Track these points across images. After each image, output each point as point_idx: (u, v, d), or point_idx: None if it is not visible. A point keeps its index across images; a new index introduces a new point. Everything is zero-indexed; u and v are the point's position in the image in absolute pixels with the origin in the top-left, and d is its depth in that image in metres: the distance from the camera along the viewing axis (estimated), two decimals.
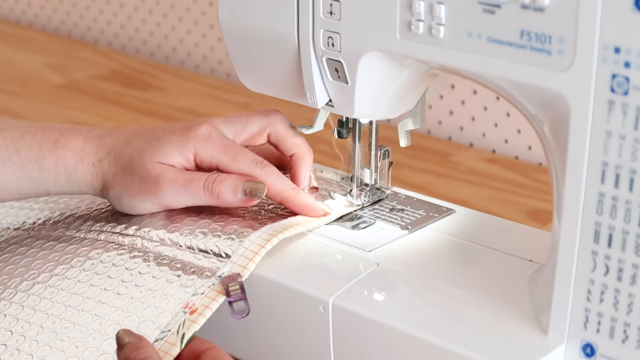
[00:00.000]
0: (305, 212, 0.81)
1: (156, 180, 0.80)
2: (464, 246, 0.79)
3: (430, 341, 0.68)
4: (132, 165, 0.80)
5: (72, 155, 0.82)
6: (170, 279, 0.74)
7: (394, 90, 0.76)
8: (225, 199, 0.79)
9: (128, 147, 0.82)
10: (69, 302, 0.74)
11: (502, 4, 0.64)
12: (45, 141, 0.82)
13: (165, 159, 0.80)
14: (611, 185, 0.62)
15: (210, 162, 0.81)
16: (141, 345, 0.67)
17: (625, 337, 0.64)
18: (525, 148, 1.20)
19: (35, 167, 0.82)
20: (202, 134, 0.81)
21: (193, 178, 0.80)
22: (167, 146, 0.80)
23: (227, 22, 0.80)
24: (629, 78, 0.60)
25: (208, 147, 0.80)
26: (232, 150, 0.81)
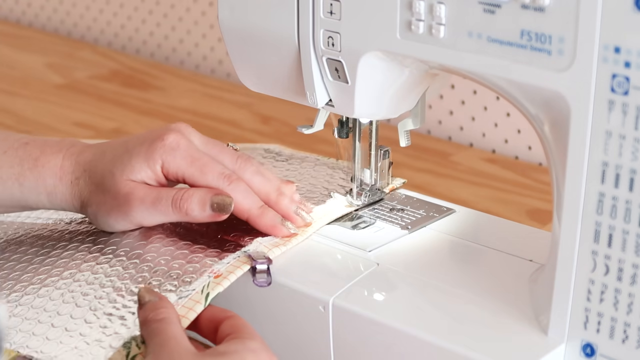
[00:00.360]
0: (270, 232, 0.78)
1: (126, 199, 0.78)
2: (464, 246, 0.79)
3: (430, 341, 0.67)
4: (104, 183, 0.79)
5: (52, 174, 0.81)
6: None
7: (394, 90, 0.76)
8: (193, 215, 0.77)
9: (101, 163, 0.80)
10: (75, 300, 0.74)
11: (502, 3, 0.64)
12: (26, 159, 0.81)
13: (134, 174, 0.78)
14: (611, 185, 0.62)
15: (176, 174, 0.78)
16: (161, 305, 0.67)
17: (625, 337, 0.64)
18: (525, 148, 1.20)
19: (16, 185, 0.81)
20: (169, 143, 0.78)
21: (161, 196, 0.78)
22: (135, 160, 0.78)
23: (227, 22, 0.80)
24: (629, 78, 0.60)
25: (175, 158, 0.78)
26: (200, 163, 0.78)
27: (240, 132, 1.23)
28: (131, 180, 0.78)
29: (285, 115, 1.26)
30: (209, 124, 1.24)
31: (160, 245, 0.78)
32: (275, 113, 1.27)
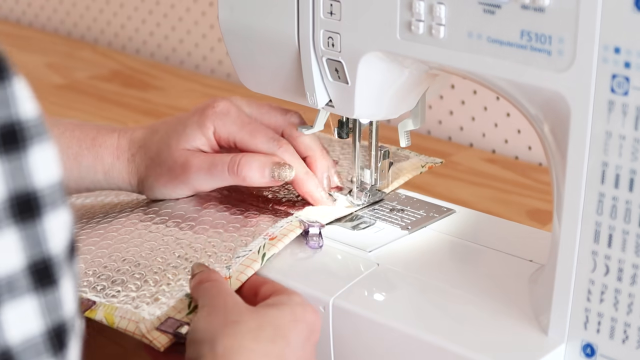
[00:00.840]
0: (308, 198, 0.82)
1: (183, 168, 0.81)
2: (464, 246, 0.79)
3: (430, 341, 0.68)
4: (160, 155, 0.82)
5: (109, 153, 0.83)
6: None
7: (394, 91, 0.76)
8: (252, 181, 0.80)
9: (155, 138, 0.83)
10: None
11: (502, 4, 0.64)
12: (83, 139, 0.84)
13: (189, 143, 0.81)
14: (611, 186, 0.62)
15: (228, 139, 0.81)
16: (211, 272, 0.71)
17: (625, 337, 0.64)
18: (525, 148, 1.20)
19: (75, 164, 0.83)
20: (220, 110, 0.82)
21: (217, 162, 0.80)
22: (189, 129, 0.81)
23: (227, 22, 0.80)
24: (629, 78, 0.60)
25: (226, 124, 0.81)
26: (250, 127, 0.81)
27: None
28: (186, 150, 0.81)
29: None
30: None
31: (214, 211, 0.82)
32: None
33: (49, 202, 0.41)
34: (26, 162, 0.40)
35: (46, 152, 0.40)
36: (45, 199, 0.40)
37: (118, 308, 0.71)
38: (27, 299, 0.40)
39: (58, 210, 0.41)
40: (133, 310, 0.71)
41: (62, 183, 0.41)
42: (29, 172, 0.40)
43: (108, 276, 0.75)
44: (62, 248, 0.41)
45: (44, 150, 0.40)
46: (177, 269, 0.74)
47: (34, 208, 0.40)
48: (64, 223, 0.41)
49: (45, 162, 0.40)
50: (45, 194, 0.40)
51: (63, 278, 0.41)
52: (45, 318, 0.41)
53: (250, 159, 0.80)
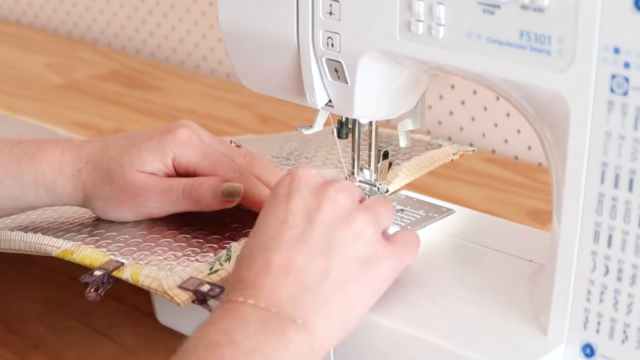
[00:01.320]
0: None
1: (135, 190, 0.79)
2: (464, 246, 0.79)
3: (430, 341, 0.67)
4: (111, 175, 0.79)
5: (50, 168, 0.81)
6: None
7: (394, 91, 0.76)
8: (205, 203, 0.78)
9: (106, 156, 0.80)
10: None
11: (501, 4, 0.64)
12: (22, 156, 0.81)
13: (144, 166, 0.79)
14: (611, 186, 0.62)
15: (187, 167, 0.79)
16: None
17: (625, 338, 0.64)
18: (525, 148, 1.20)
19: (14, 182, 0.81)
20: (180, 137, 0.80)
21: (172, 185, 0.79)
22: (144, 153, 0.79)
23: (227, 22, 0.80)
24: (629, 78, 0.60)
25: (187, 152, 0.79)
26: (212, 157, 0.80)
27: (240, 132, 1.23)
28: (140, 172, 0.79)
29: (285, 116, 1.26)
30: (209, 124, 1.24)
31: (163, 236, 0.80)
32: (275, 113, 1.27)
33: None
34: None
35: None
36: None
37: (144, 268, 0.74)
38: None
39: None
40: (157, 271, 0.73)
41: None
42: None
43: (137, 242, 0.78)
44: None
45: None
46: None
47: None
48: None
49: None
50: None
51: None
52: None
53: (203, 180, 0.78)
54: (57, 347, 0.84)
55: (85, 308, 0.88)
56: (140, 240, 0.78)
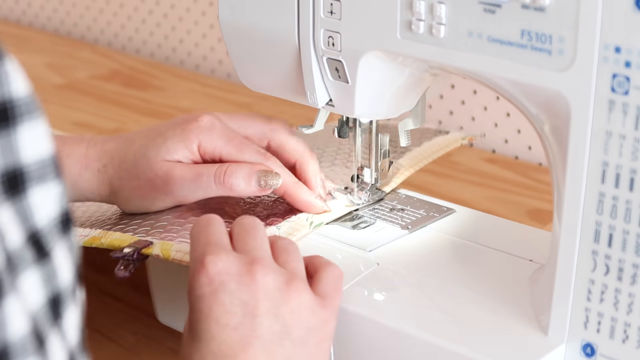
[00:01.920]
0: (305, 208, 0.80)
1: (165, 180, 0.79)
2: (464, 246, 0.79)
3: (430, 341, 0.67)
4: (138, 167, 0.80)
5: (76, 163, 0.81)
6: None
7: (395, 90, 0.76)
8: (239, 190, 0.78)
9: (131, 149, 0.81)
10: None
11: (502, 3, 0.64)
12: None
13: (170, 155, 0.79)
14: (611, 185, 0.62)
15: (213, 153, 0.80)
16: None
17: (625, 337, 0.64)
18: (525, 148, 1.20)
19: None
20: (204, 124, 0.80)
21: (202, 172, 0.79)
22: (170, 142, 0.79)
23: (227, 22, 0.80)
24: (630, 78, 0.60)
25: (212, 138, 0.80)
26: (237, 141, 0.80)
27: None
28: (167, 161, 0.79)
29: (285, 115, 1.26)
30: None
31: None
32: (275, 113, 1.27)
33: (35, 176, 0.41)
34: (15, 140, 0.41)
35: (35, 129, 0.41)
36: (30, 174, 0.41)
37: (174, 244, 0.75)
38: (27, 272, 0.41)
39: (46, 184, 0.42)
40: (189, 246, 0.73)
41: (53, 157, 0.42)
42: (17, 148, 0.41)
43: (163, 225, 0.79)
44: (51, 220, 0.42)
45: (33, 127, 0.41)
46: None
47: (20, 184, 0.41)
48: (53, 196, 0.42)
49: (33, 138, 0.41)
50: (31, 169, 0.41)
51: (55, 249, 0.42)
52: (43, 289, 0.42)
53: (236, 167, 0.78)
54: None
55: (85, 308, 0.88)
56: (166, 223, 0.79)
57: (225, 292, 0.64)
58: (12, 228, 0.40)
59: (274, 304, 0.64)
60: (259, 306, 0.64)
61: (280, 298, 0.65)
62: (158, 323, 0.85)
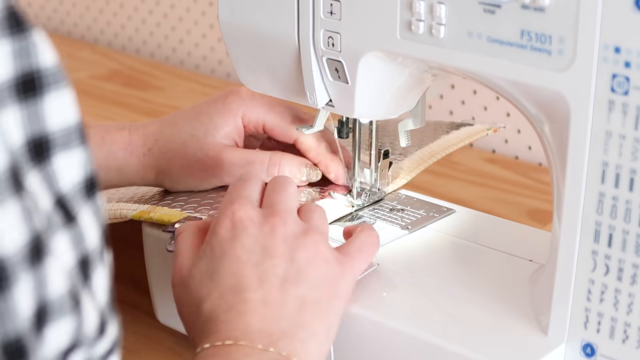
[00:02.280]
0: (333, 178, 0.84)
1: (216, 161, 0.81)
2: (464, 246, 0.79)
3: (430, 341, 0.67)
4: (187, 147, 0.81)
5: (121, 149, 0.83)
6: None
7: (394, 90, 0.76)
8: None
9: (176, 129, 0.82)
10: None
11: (502, 3, 0.64)
12: (92, 139, 0.83)
13: (217, 131, 0.81)
14: (611, 185, 0.62)
15: (257, 122, 0.82)
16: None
17: (625, 337, 0.64)
18: (525, 148, 1.20)
19: None
20: (245, 94, 0.82)
21: (254, 160, 0.81)
22: (215, 118, 0.81)
23: (227, 22, 0.80)
24: (629, 78, 0.60)
25: (254, 107, 0.82)
26: (279, 109, 0.82)
27: None
28: (216, 141, 0.81)
29: None
30: None
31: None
32: None
33: (59, 143, 0.43)
34: (42, 108, 0.42)
35: (61, 98, 0.43)
36: (55, 142, 0.43)
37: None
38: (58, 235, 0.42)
39: (71, 151, 0.43)
40: None
41: (79, 125, 0.44)
42: (43, 117, 0.42)
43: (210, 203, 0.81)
44: (75, 185, 0.44)
45: (60, 96, 0.43)
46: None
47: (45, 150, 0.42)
48: (78, 162, 0.44)
49: (59, 107, 0.43)
50: (56, 136, 0.43)
51: (81, 212, 0.44)
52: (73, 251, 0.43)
53: (290, 159, 0.81)
54: None
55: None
56: (212, 201, 0.81)
57: (247, 236, 0.67)
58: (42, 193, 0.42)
59: (290, 248, 0.67)
60: (276, 248, 0.67)
61: (297, 244, 0.67)
62: (158, 323, 0.85)
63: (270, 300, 0.65)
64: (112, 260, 0.47)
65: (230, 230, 0.68)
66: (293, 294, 0.66)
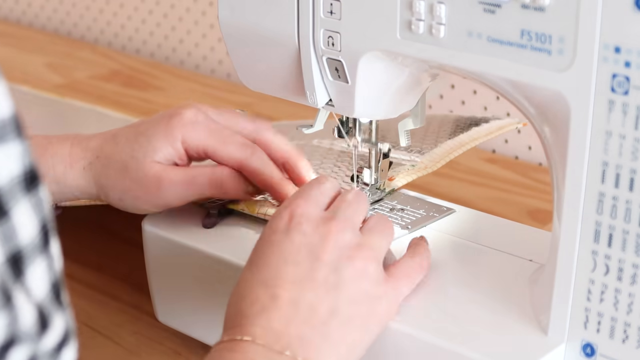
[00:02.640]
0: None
1: (156, 183, 0.78)
2: (464, 246, 0.79)
3: (430, 341, 0.67)
4: (127, 168, 0.79)
5: (61, 162, 0.80)
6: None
7: (394, 90, 0.76)
8: (231, 194, 0.79)
9: (117, 149, 0.80)
10: None
11: (502, 3, 0.64)
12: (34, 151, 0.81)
13: (157, 154, 0.78)
14: (611, 185, 0.62)
15: (197, 147, 0.79)
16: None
17: (625, 337, 0.64)
18: (525, 148, 1.20)
19: None
20: (187, 118, 0.79)
21: (195, 175, 0.78)
22: (154, 140, 0.78)
23: (227, 21, 0.80)
24: (629, 78, 0.60)
25: (195, 131, 0.78)
26: (221, 135, 0.79)
27: None
28: (156, 162, 0.78)
29: (285, 115, 1.26)
30: None
31: None
32: (275, 113, 1.27)
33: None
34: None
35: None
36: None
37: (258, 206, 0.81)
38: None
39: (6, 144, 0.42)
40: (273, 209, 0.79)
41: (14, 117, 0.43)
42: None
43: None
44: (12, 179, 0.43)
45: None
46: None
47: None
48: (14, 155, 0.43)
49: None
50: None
51: (16, 207, 0.43)
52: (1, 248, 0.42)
53: (233, 175, 0.78)
54: None
55: (85, 308, 0.88)
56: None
57: (299, 232, 0.66)
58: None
59: (339, 257, 0.66)
60: (324, 252, 0.65)
61: (346, 254, 0.66)
62: (158, 323, 0.85)
63: (300, 303, 0.64)
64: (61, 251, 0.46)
65: (286, 223, 0.67)
66: (326, 303, 0.64)
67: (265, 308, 0.63)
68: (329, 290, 0.64)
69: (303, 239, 0.66)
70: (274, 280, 0.64)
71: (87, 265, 0.94)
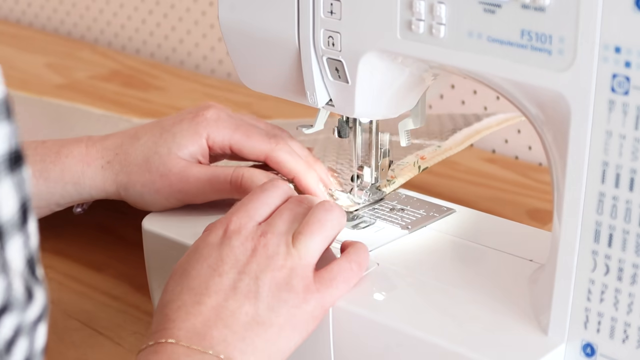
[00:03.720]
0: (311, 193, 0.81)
1: (180, 177, 0.80)
2: (464, 246, 0.79)
3: (430, 341, 0.67)
4: (149, 163, 0.80)
5: (77, 162, 0.81)
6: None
7: (394, 90, 0.76)
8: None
9: (138, 144, 0.81)
10: None
11: (502, 3, 0.64)
12: (47, 154, 0.82)
13: (181, 150, 0.80)
14: (611, 185, 0.62)
15: (222, 143, 0.81)
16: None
17: (625, 337, 0.64)
18: (525, 148, 1.20)
19: (41, 181, 0.81)
20: (210, 116, 0.81)
21: (218, 174, 0.80)
22: (179, 136, 0.80)
23: (227, 21, 0.80)
24: (630, 78, 0.60)
25: (219, 128, 0.81)
26: (244, 129, 0.81)
27: None
28: (181, 159, 0.80)
29: (285, 115, 1.26)
30: None
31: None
32: (275, 113, 1.27)
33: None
34: None
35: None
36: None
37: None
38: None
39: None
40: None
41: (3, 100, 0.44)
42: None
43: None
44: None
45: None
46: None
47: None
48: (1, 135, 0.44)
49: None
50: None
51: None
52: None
53: (253, 172, 0.80)
54: (57, 347, 0.84)
55: (85, 308, 0.88)
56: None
57: (229, 246, 0.69)
58: None
59: (262, 268, 0.68)
60: (248, 264, 0.68)
61: (268, 266, 0.68)
62: None
63: (222, 309, 0.66)
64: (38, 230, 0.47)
65: (220, 238, 0.70)
66: (245, 311, 0.67)
67: (189, 313, 0.66)
68: (250, 298, 0.67)
69: (230, 252, 0.69)
70: (200, 289, 0.67)
71: (87, 265, 0.94)
